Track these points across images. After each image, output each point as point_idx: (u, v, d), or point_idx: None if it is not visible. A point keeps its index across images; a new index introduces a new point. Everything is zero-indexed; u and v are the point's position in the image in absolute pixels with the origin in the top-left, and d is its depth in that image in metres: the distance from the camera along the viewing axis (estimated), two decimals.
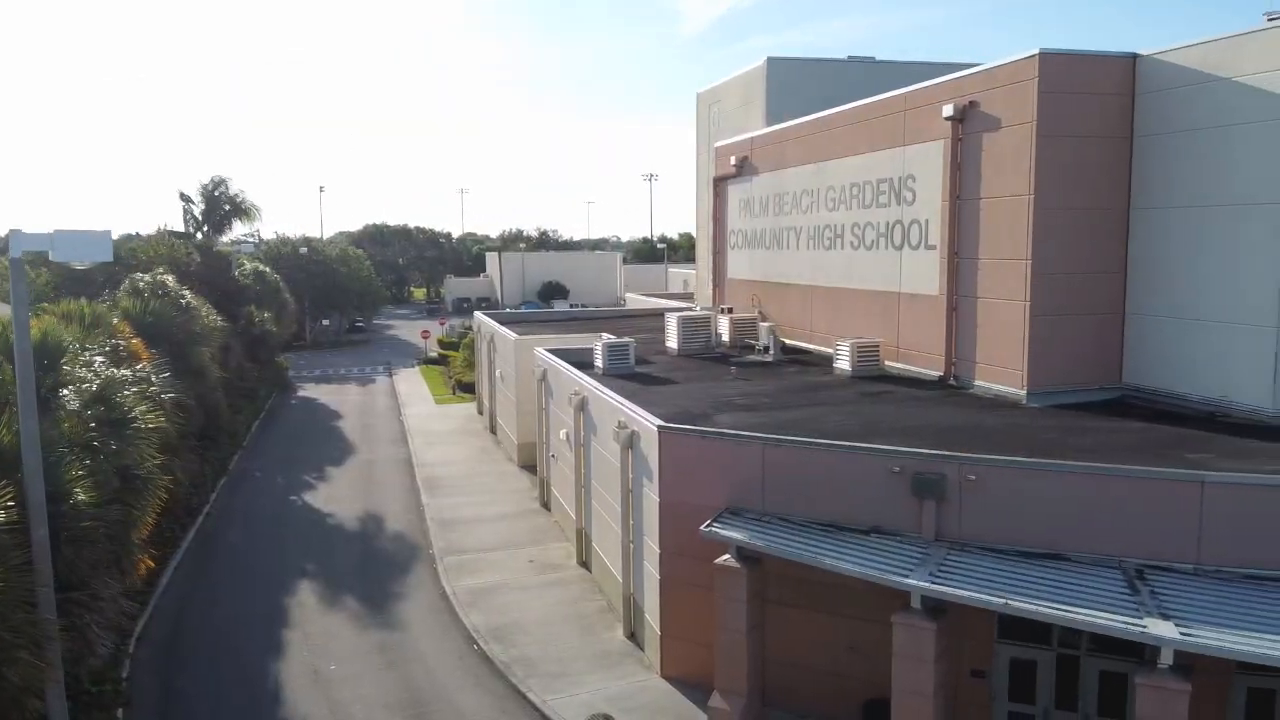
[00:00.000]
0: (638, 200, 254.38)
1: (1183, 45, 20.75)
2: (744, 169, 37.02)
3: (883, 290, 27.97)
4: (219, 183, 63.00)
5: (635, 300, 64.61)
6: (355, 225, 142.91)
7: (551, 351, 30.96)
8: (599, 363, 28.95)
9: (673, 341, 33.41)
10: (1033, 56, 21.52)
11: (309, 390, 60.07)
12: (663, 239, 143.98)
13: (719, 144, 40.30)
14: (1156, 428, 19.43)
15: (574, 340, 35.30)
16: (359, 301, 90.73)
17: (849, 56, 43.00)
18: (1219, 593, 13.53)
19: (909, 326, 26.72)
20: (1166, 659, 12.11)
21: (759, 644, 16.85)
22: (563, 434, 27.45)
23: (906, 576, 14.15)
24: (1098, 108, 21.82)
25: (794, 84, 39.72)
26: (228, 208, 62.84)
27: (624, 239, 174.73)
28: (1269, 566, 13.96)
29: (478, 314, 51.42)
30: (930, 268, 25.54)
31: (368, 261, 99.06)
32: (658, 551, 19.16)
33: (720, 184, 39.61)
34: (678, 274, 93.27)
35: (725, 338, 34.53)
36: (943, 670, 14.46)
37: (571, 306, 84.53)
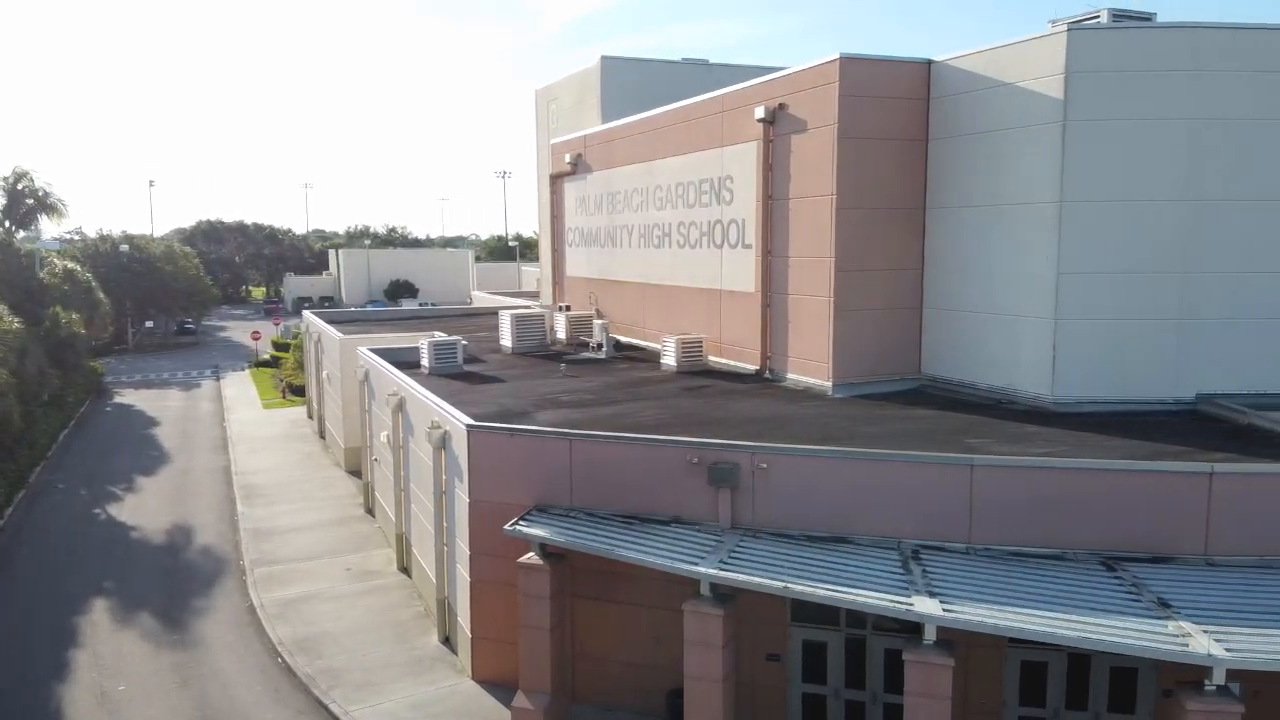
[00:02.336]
0: (493, 198, 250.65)
1: (972, 51, 21.94)
2: (579, 167, 37.03)
3: (707, 288, 28.51)
4: (21, 175, 58.18)
5: (482, 299, 63.68)
6: (192, 222, 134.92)
7: (376, 351, 30.02)
8: (425, 362, 28.27)
9: (507, 340, 33.04)
10: (833, 61, 22.33)
11: (127, 396, 56.26)
12: (517, 237, 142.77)
13: (554, 141, 40.19)
14: (947, 415, 20.51)
15: (405, 340, 34.33)
16: (186, 302, 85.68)
17: (683, 58, 43.73)
18: (986, 571, 14.33)
19: (730, 323, 27.32)
20: (930, 635, 12.71)
21: (564, 641, 16.77)
22: (383, 436, 26.64)
23: (696, 565, 14.37)
24: (896, 111, 22.84)
25: (628, 83, 40.06)
26: (31, 202, 58.06)
27: (482, 236, 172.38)
28: (1032, 544, 14.92)
29: (306, 313, 49.41)
30: (747, 266, 26.17)
31: (196, 260, 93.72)
32: (468, 552, 18.81)
33: (557, 181, 39.50)
34: (530, 272, 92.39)
35: (562, 335, 34.42)
36: (732, 655, 14.77)
37: (421, 305, 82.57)
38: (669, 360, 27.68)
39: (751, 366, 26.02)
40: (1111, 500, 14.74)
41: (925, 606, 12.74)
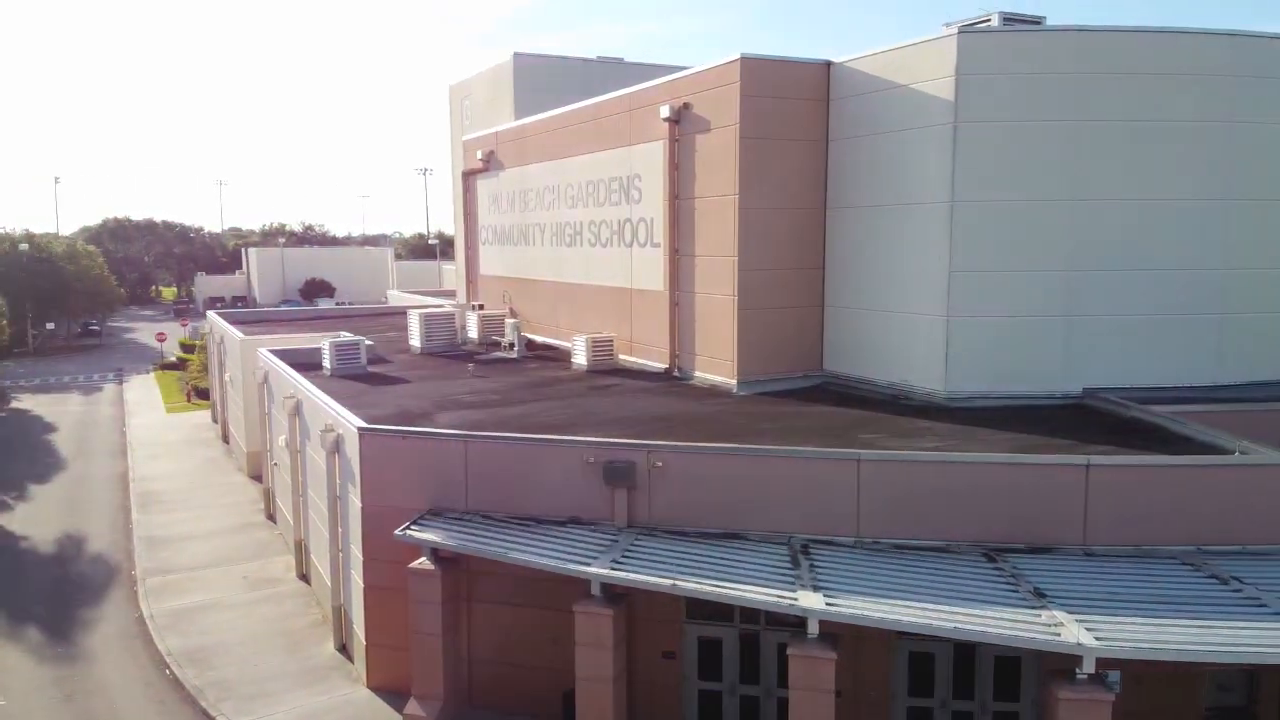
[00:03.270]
0: (415, 195, 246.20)
1: (869, 53, 22.26)
2: (491, 164, 36.61)
3: (618, 287, 28.43)
4: None
5: (398, 298, 62.56)
6: (99, 220, 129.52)
7: (276, 352, 29.17)
8: (327, 364, 27.59)
9: (416, 340, 32.47)
10: (735, 61, 22.44)
11: (23, 402, 53.73)
12: (439, 235, 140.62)
13: (467, 138, 39.71)
14: (844, 411, 20.79)
15: (310, 340, 33.43)
16: (89, 303, 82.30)
17: (597, 56, 43.64)
18: (872, 564, 14.51)
19: (641, 322, 27.29)
20: (814, 630, 12.81)
21: (456, 646, 16.49)
22: (281, 440, 25.90)
23: (586, 565, 14.24)
24: (797, 112, 23.06)
25: (542, 80, 39.87)
26: None
27: (406, 234, 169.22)
28: (918, 537, 15.17)
29: (211, 313, 47.86)
30: (656, 265, 26.17)
31: (101, 259, 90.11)
32: (362, 558, 18.35)
33: (469, 178, 38.99)
34: (451, 270, 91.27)
35: (474, 335, 33.98)
36: (623, 655, 14.70)
37: (337, 305, 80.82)
38: (579, 359, 27.54)
39: (661, 365, 26.03)
40: (993, 493, 15.07)
41: (809, 601, 12.83)
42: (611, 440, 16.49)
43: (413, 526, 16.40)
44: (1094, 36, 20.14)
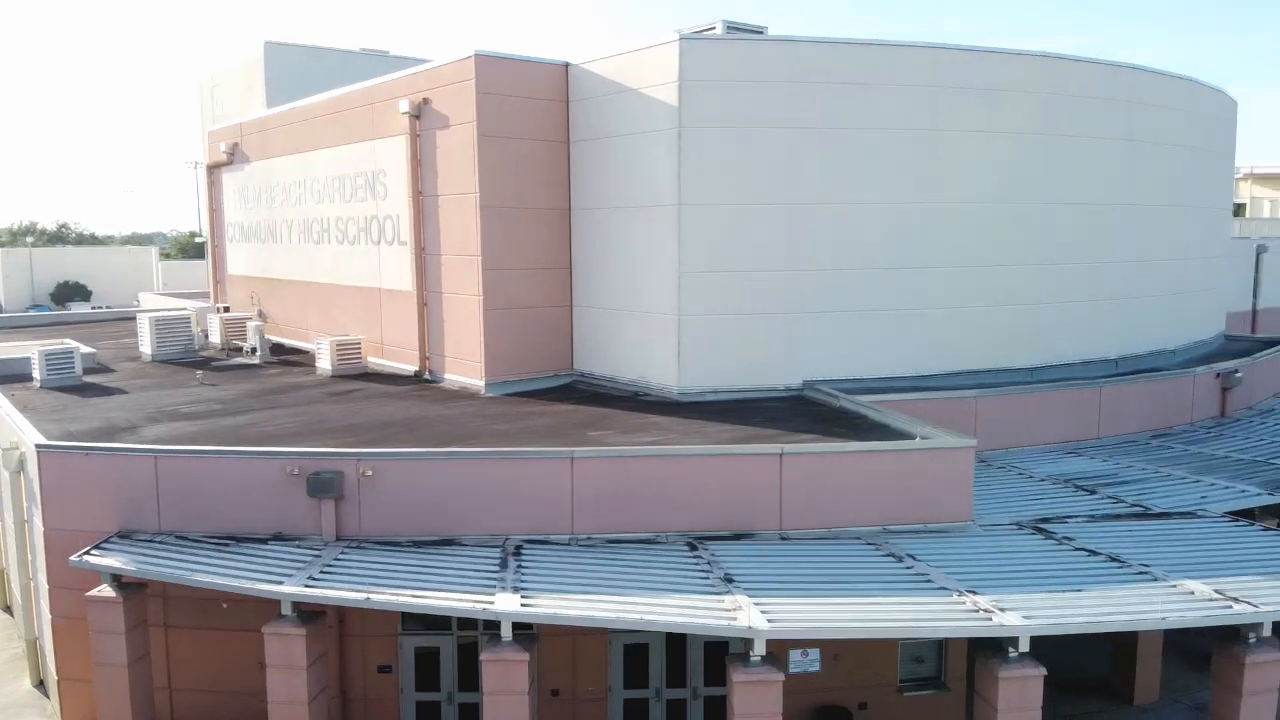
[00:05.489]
0: (188, 190, 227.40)
1: (604, 56, 22.53)
2: (236, 156, 34.46)
3: (367, 286, 27.46)
4: None
5: (150, 300, 57.85)
6: None
7: None
8: (37, 374, 25.02)
9: (146, 346, 30.01)
10: (469, 58, 22.14)
11: None
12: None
13: (211, 129, 37.22)
14: (582, 409, 20.95)
15: (23, 349, 30.18)
16: None
17: (362, 48, 42.04)
18: (582, 561, 14.63)
19: (391, 323, 26.47)
20: (507, 632, 12.73)
21: (147, 676, 15.26)
22: None
23: (279, 584, 13.53)
24: (536, 112, 23.01)
25: (297, 71, 37.90)
26: None
27: (183, 231, 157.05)
28: (629, 531, 15.47)
29: None
30: (403, 264, 25.46)
31: None
32: (48, 587, 16.67)
33: (215, 172, 36.58)
34: None
35: (217, 340, 31.85)
36: (321, 675, 14.09)
37: (95, 309, 73.83)
38: (324, 364, 26.35)
39: (412, 367, 25.35)
40: (699, 484, 15.59)
41: (504, 604, 12.73)
42: (315, 450, 15.78)
43: (93, 551, 15.02)
44: (806, 47, 21.31)
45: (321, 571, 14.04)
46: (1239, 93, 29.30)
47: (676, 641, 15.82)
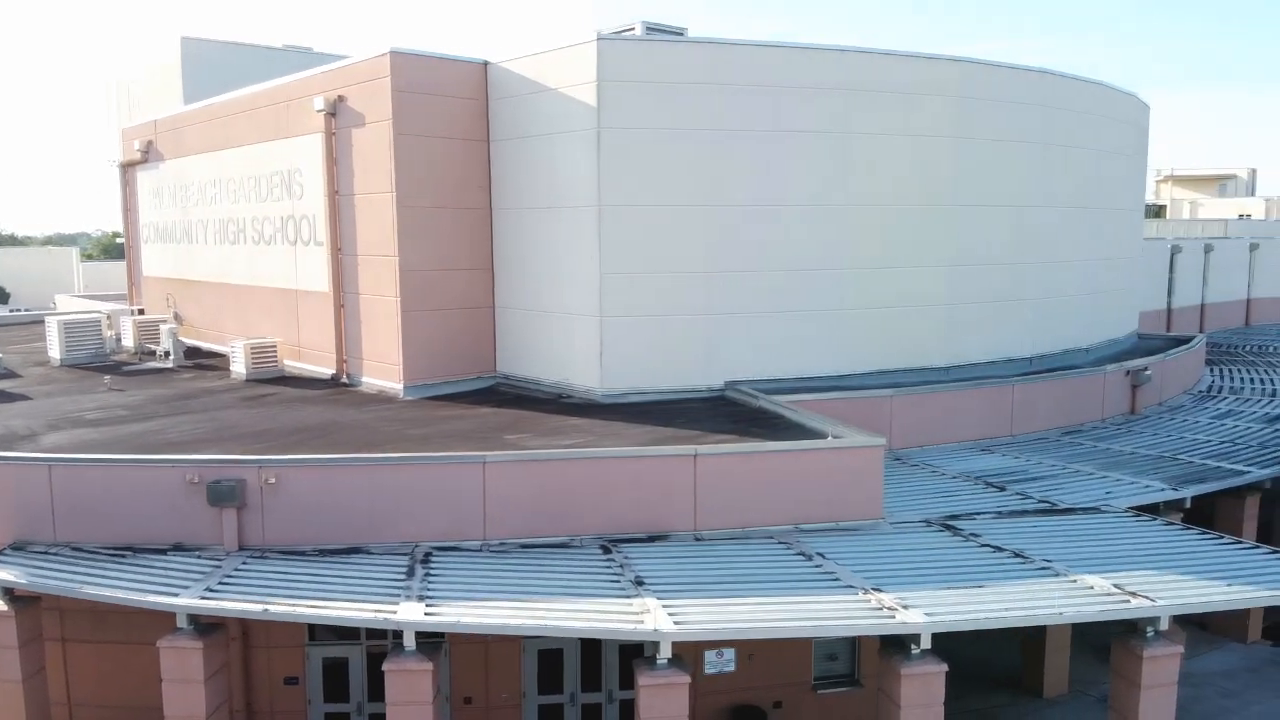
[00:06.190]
0: (114, 189, 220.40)
1: (523, 55, 22.29)
2: (150, 155, 33.42)
3: (283, 288, 26.81)
4: None
5: (67, 303, 55.92)
6: None
7: None
8: None
9: (55, 350, 28.96)
10: (384, 55, 21.74)
11: None
12: None
13: (125, 127, 36.03)
14: (504, 412, 20.71)
15: None
16: None
17: (284, 45, 41.10)
18: (493, 567, 14.40)
19: (308, 325, 25.88)
20: (410, 642, 12.48)
21: (42, 691, 14.66)
22: None
23: (174, 596, 13.08)
24: (455, 110, 22.68)
25: (216, 68, 36.79)
26: None
27: (108, 232, 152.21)
28: (543, 535, 15.28)
29: None
30: (320, 265, 24.91)
31: None
32: None
33: (129, 171, 35.41)
34: None
35: (130, 343, 30.83)
36: (220, 689, 13.67)
37: (12, 311, 71.17)
38: (238, 368, 25.65)
39: (329, 371, 24.82)
40: (612, 486, 15.46)
41: (407, 613, 12.46)
42: (216, 458, 15.31)
43: None
44: (725, 49, 21.35)
45: (220, 583, 13.60)
46: (1163, 98, 30.21)
47: (591, 646, 15.71)
